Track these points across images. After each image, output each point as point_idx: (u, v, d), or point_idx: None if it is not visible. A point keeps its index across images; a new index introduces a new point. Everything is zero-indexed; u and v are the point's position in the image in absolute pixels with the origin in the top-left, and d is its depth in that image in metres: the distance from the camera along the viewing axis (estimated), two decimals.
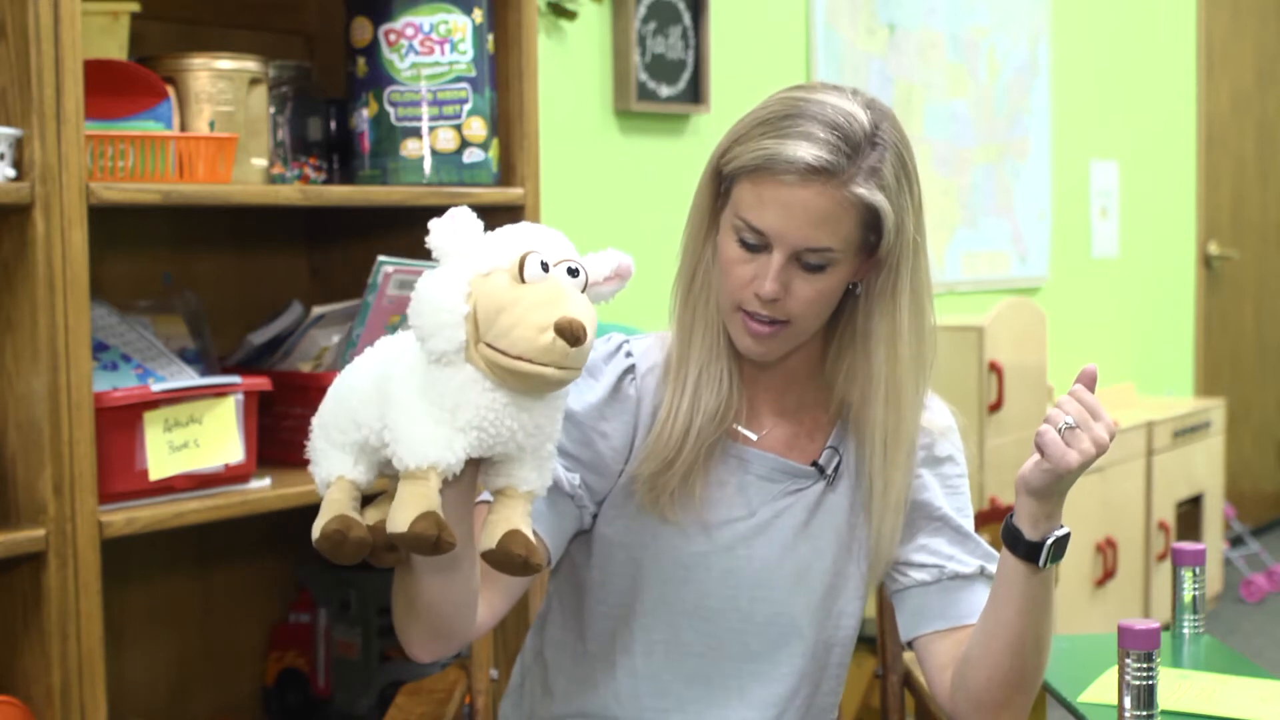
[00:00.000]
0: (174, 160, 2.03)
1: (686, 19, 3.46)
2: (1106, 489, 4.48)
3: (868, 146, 1.57)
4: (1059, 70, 4.93)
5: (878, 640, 1.97)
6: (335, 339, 2.31)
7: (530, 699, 1.77)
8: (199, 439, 2.02)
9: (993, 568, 1.67)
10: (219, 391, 2.05)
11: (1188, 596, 2.03)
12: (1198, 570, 2.03)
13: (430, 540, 1.36)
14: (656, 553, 1.68)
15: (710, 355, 1.65)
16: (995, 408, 3.87)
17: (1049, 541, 1.55)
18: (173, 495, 2.01)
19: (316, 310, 2.35)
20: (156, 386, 2.00)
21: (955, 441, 1.75)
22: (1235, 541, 5.74)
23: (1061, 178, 4.98)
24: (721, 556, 1.68)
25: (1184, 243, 5.82)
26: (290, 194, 2.18)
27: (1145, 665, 1.56)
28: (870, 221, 1.59)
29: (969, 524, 1.73)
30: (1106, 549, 4.45)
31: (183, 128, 2.11)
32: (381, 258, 2.18)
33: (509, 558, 1.41)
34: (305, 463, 1.53)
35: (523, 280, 1.37)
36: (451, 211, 1.41)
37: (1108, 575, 4.44)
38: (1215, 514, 5.22)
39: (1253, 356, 6.37)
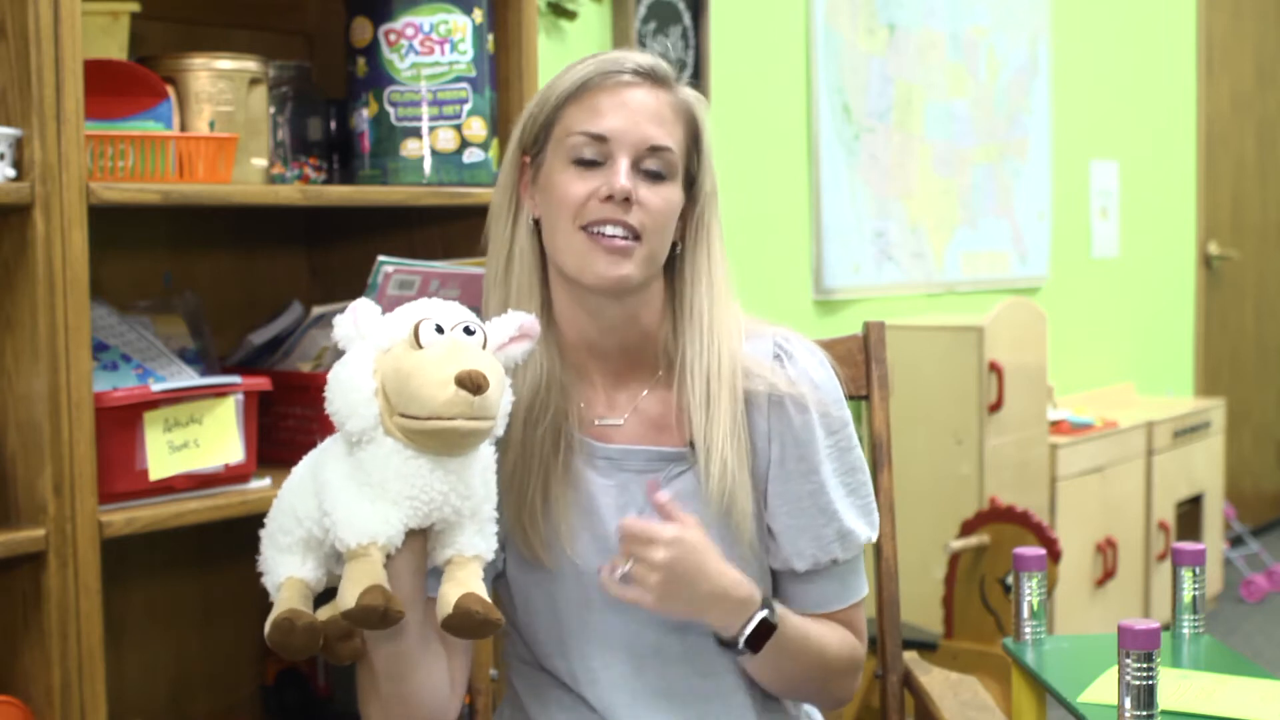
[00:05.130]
0: (174, 160, 2.02)
1: (686, 19, 3.46)
2: (1106, 489, 4.48)
3: (679, 77, 1.67)
4: (1059, 70, 4.93)
5: (878, 640, 1.97)
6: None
7: None
8: (199, 439, 2.02)
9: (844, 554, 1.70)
10: (219, 391, 2.05)
11: (1188, 596, 2.02)
12: (1198, 570, 2.03)
13: (379, 611, 1.39)
14: (566, 580, 1.66)
15: None
16: (995, 408, 3.87)
17: (745, 635, 1.60)
18: (173, 495, 2.01)
19: (316, 310, 2.35)
20: (156, 386, 1.99)
21: (840, 409, 1.72)
22: (1235, 541, 5.74)
23: (1061, 178, 4.98)
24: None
25: (1184, 243, 5.82)
26: (290, 194, 2.18)
27: (1145, 665, 1.56)
28: (694, 136, 1.65)
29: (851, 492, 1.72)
30: (1106, 549, 4.45)
31: (183, 128, 2.11)
32: (381, 258, 2.18)
33: (468, 617, 1.44)
34: None
35: (419, 346, 1.43)
36: (352, 304, 1.48)
37: (1108, 575, 4.44)
38: (1215, 514, 5.22)
39: (1253, 356, 6.37)
